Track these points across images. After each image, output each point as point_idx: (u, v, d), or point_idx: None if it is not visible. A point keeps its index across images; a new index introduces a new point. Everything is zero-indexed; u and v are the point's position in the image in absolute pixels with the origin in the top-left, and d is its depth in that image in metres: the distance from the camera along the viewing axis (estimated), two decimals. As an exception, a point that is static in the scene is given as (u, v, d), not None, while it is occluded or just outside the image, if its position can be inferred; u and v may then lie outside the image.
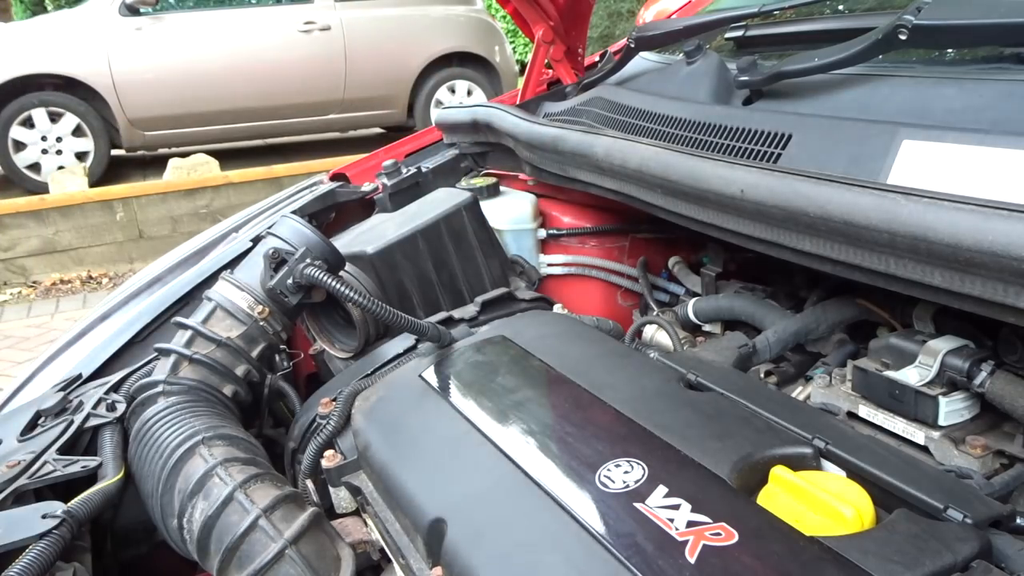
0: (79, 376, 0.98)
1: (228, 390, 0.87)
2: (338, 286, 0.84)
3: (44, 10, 8.21)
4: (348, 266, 0.99)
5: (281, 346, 1.01)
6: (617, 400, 0.72)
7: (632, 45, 1.23)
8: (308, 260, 0.87)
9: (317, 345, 1.10)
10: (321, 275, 0.85)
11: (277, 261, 0.88)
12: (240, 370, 0.88)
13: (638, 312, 1.34)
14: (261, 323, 0.89)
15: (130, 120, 4.92)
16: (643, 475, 0.60)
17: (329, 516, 0.76)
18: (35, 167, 4.87)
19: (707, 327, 1.09)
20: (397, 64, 6.58)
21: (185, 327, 0.88)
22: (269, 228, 0.92)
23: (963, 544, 0.50)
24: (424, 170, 1.38)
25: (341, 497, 0.79)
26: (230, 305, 0.89)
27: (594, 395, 0.73)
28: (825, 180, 0.69)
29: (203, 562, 0.68)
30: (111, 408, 0.87)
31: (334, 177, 1.46)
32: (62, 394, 0.90)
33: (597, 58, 1.61)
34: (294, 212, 1.16)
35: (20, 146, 4.82)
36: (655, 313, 1.11)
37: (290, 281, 0.87)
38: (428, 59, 6.70)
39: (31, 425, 0.87)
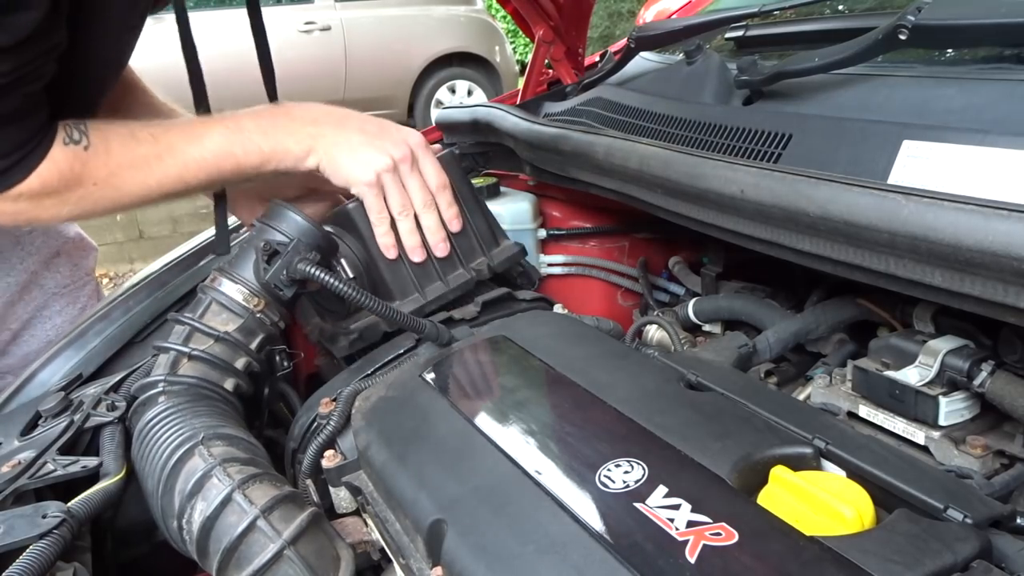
0: (79, 376, 0.98)
1: (229, 384, 0.87)
2: (333, 281, 0.84)
3: (44, 10, 8.20)
4: (333, 229, 0.98)
5: (281, 345, 1.00)
6: (617, 400, 0.72)
7: (632, 45, 1.23)
8: (301, 254, 0.86)
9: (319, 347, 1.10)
10: (314, 270, 0.85)
11: (269, 253, 0.87)
12: (240, 363, 0.88)
13: (638, 312, 1.34)
14: (258, 315, 0.88)
15: (130, 120, 4.92)
16: (643, 475, 0.60)
17: (329, 516, 0.76)
18: (35, 167, 4.87)
19: (707, 327, 1.09)
20: (397, 64, 6.58)
21: (182, 323, 0.88)
22: (260, 217, 0.92)
23: (963, 544, 0.50)
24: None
25: (341, 497, 0.80)
26: (225, 299, 0.88)
27: (594, 395, 0.74)
28: (825, 180, 0.69)
29: (203, 563, 0.68)
30: (112, 408, 0.87)
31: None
32: (62, 394, 0.90)
33: (597, 58, 1.61)
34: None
35: (20, 146, 4.81)
36: (655, 313, 1.11)
37: (284, 275, 0.87)
38: (428, 59, 6.70)
39: (31, 425, 0.87)
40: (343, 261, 0.96)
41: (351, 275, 0.95)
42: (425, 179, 1.00)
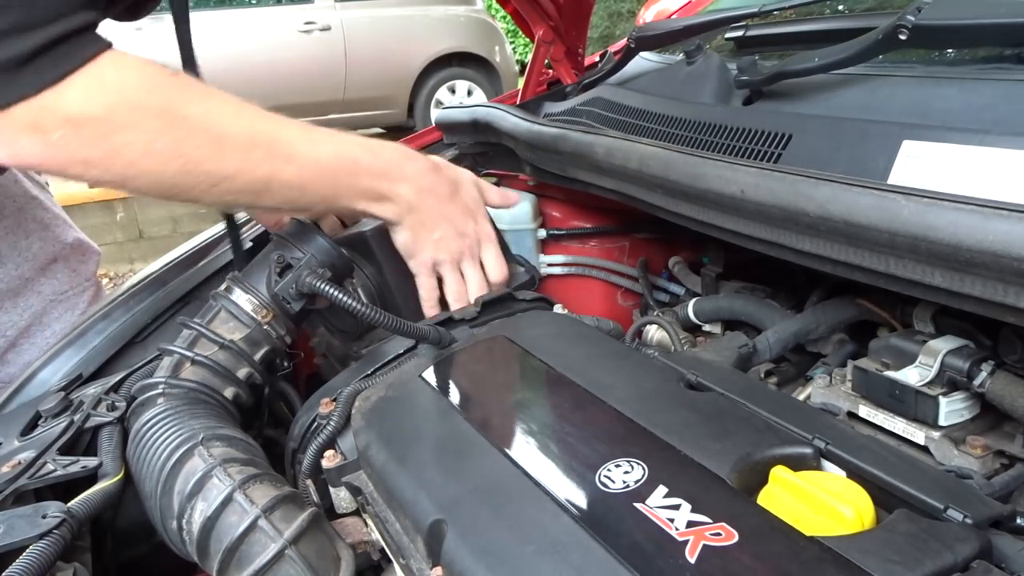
0: (79, 376, 0.98)
1: (229, 392, 0.87)
2: (339, 295, 0.84)
3: (44, 10, 8.19)
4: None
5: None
6: (617, 400, 0.72)
7: (632, 45, 1.23)
8: (311, 269, 0.87)
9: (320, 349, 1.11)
10: (322, 285, 0.85)
11: (282, 266, 0.88)
12: (242, 372, 0.88)
13: (638, 312, 1.34)
14: (265, 326, 0.89)
15: (130, 120, 4.92)
16: (643, 475, 0.60)
17: (329, 516, 0.76)
18: (35, 167, 4.87)
19: (707, 327, 1.09)
20: (397, 64, 6.58)
21: (189, 327, 0.88)
22: (280, 230, 0.92)
23: (963, 544, 0.50)
24: (424, 170, 1.38)
25: (341, 497, 0.80)
26: (234, 307, 0.89)
27: (594, 395, 0.74)
28: (825, 180, 0.69)
29: (203, 563, 0.68)
30: (111, 408, 0.87)
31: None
32: (62, 394, 0.90)
33: (597, 58, 1.61)
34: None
35: (20, 146, 4.81)
36: (655, 313, 1.11)
37: (292, 288, 0.87)
38: (428, 59, 6.70)
39: (31, 425, 0.87)
40: (359, 290, 0.97)
41: (364, 300, 0.95)
42: (486, 272, 1.00)
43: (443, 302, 0.99)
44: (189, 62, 1.00)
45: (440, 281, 0.99)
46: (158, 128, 0.70)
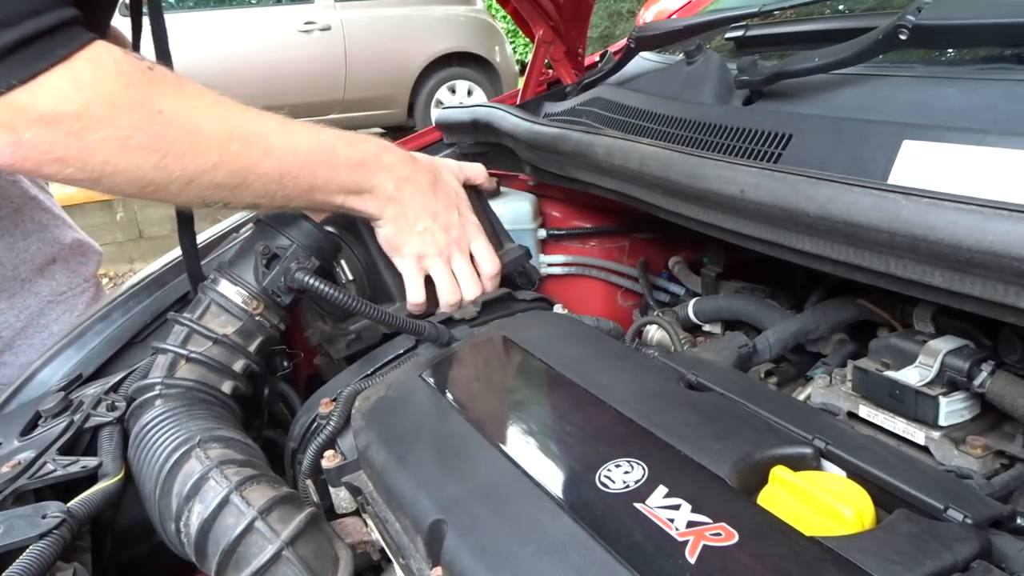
0: (79, 376, 0.98)
1: (227, 387, 0.87)
2: (330, 291, 0.83)
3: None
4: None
5: (280, 346, 1.00)
6: (617, 400, 0.72)
7: (632, 45, 1.23)
8: (300, 261, 0.86)
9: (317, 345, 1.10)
10: (311, 280, 0.84)
11: (268, 257, 0.87)
12: (238, 365, 0.88)
13: (638, 312, 1.34)
14: (257, 318, 0.88)
15: (130, 120, 4.91)
16: (643, 475, 0.60)
17: (329, 516, 0.76)
18: (35, 167, 4.87)
19: (707, 327, 1.09)
20: (397, 64, 6.58)
21: (180, 323, 0.87)
22: (262, 216, 0.90)
23: (963, 544, 0.50)
24: (424, 170, 1.38)
25: (341, 497, 0.80)
26: (224, 301, 0.87)
27: (594, 395, 0.74)
28: (825, 180, 0.69)
29: (201, 565, 0.68)
30: (111, 408, 0.86)
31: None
32: (62, 394, 0.90)
33: (597, 58, 1.61)
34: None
35: (20, 146, 4.81)
36: (655, 313, 1.11)
37: (282, 282, 0.86)
38: (428, 59, 6.70)
39: (31, 425, 0.87)
40: (343, 263, 0.96)
41: (351, 277, 0.94)
42: (478, 266, 0.96)
43: (435, 302, 0.97)
44: (163, 55, 0.95)
45: (429, 280, 0.96)
46: (133, 124, 0.69)
